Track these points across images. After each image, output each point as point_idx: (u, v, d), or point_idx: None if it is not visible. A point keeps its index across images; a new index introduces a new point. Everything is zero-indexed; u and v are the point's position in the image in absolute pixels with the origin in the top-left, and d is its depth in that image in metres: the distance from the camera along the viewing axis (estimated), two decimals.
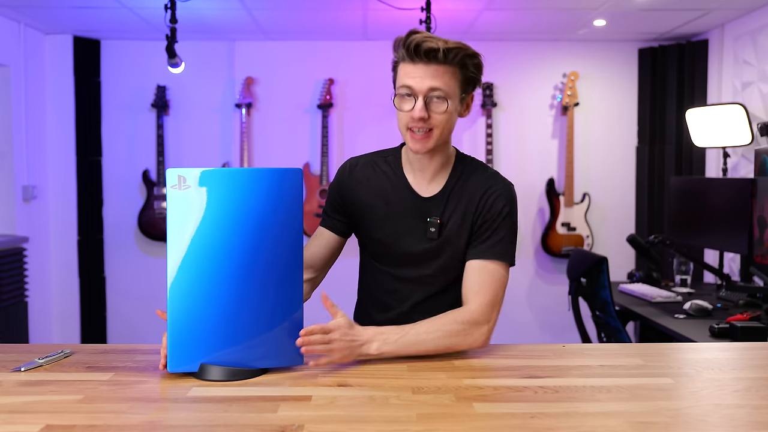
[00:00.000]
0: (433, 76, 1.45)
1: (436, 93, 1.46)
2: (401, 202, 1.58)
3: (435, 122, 1.48)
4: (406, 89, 1.47)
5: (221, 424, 1.04)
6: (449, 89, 1.47)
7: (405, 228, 1.58)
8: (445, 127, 1.50)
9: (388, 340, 1.35)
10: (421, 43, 1.43)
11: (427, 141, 1.50)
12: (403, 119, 1.49)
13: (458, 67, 1.47)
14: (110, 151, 4.47)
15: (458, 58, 1.46)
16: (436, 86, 1.45)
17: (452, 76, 1.47)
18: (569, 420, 1.05)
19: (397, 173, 1.61)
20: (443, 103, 1.47)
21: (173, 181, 1.24)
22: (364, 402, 1.13)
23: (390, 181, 1.60)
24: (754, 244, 2.80)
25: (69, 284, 4.42)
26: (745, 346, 1.56)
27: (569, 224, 4.40)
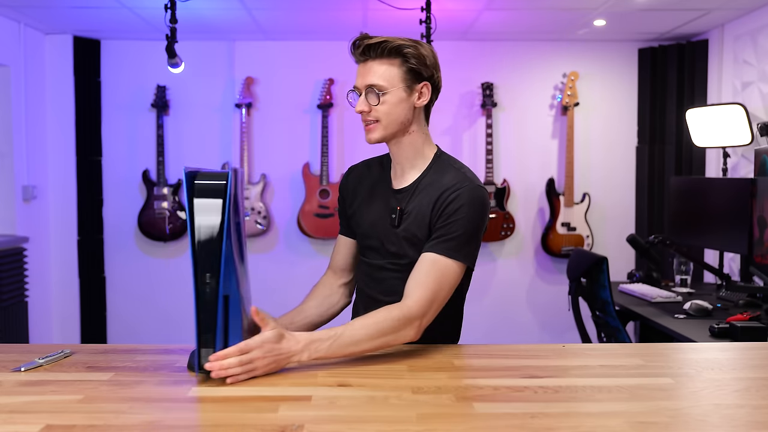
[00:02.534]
0: (368, 72, 1.56)
1: (373, 87, 1.55)
2: (380, 195, 1.68)
3: (376, 114, 1.57)
4: (353, 89, 1.60)
5: (221, 424, 1.04)
6: (385, 82, 1.55)
7: (377, 218, 1.66)
8: (389, 118, 1.57)
9: (319, 348, 1.33)
10: (354, 44, 1.57)
11: (373, 131, 1.59)
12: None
13: (397, 58, 1.56)
14: (110, 151, 4.47)
15: (387, 51, 1.54)
16: (370, 81, 1.55)
17: (389, 69, 1.55)
18: (569, 420, 1.05)
19: (385, 170, 1.71)
20: (379, 96, 1.56)
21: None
22: (364, 402, 1.13)
23: (378, 178, 1.71)
24: (754, 244, 2.80)
25: (69, 284, 4.42)
26: (745, 346, 1.56)
27: (569, 224, 4.40)
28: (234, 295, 1.25)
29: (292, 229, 4.47)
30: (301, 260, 4.42)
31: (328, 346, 1.34)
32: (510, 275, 4.56)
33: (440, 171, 1.62)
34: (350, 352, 1.37)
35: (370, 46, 1.55)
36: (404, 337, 1.44)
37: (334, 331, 1.37)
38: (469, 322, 4.91)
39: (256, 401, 1.14)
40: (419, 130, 1.63)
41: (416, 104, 1.60)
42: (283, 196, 4.48)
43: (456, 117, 4.51)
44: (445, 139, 4.50)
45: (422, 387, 1.21)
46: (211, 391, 1.19)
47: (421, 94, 1.60)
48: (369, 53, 1.55)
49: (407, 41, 1.56)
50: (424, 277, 1.48)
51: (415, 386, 1.21)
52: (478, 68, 4.47)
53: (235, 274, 1.26)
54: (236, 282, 1.26)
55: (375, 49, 1.55)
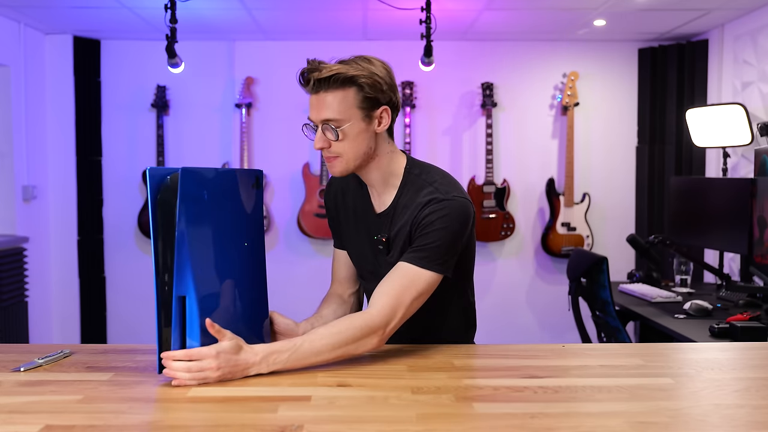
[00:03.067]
0: (322, 105, 1.45)
1: (329, 123, 1.45)
2: (364, 218, 1.63)
3: (336, 150, 1.48)
4: (307, 122, 1.50)
5: (221, 424, 1.04)
6: (341, 115, 1.45)
7: (365, 245, 1.63)
8: (350, 151, 1.48)
9: (277, 360, 1.29)
10: (304, 74, 1.46)
11: (336, 166, 1.51)
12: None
13: (351, 87, 1.45)
14: (110, 151, 4.47)
15: (340, 81, 1.44)
16: (326, 116, 1.45)
17: (344, 100, 1.45)
18: (569, 420, 1.05)
19: (363, 188, 1.63)
20: (335, 132, 1.46)
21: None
22: (364, 402, 1.13)
23: (358, 197, 1.65)
24: (754, 244, 2.80)
25: (69, 284, 4.42)
26: (745, 346, 1.56)
27: (569, 224, 4.40)
28: (191, 296, 1.22)
29: (292, 229, 4.47)
30: (301, 260, 4.43)
31: (287, 357, 1.30)
32: (510, 275, 4.56)
33: (414, 189, 1.55)
34: (310, 362, 1.33)
35: (321, 80, 1.44)
36: (366, 345, 1.38)
37: (293, 342, 1.32)
38: None
39: (256, 401, 1.14)
40: (384, 153, 1.54)
41: (377, 131, 1.51)
42: (283, 196, 4.48)
43: (456, 117, 4.51)
44: (445, 139, 4.50)
45: (422, 387, 1.21)
46: (211, 391, 1.19)
47: (381, 119, 1.51)
48: (320, 85, 1.45)
49: (360, 68, 1.47)
50: (390, 286, 1.43)
51: (415, 386, 1.21)
52: (478, 68, 4.46)
53: (193, 275, 1.22)
54: (194, 283, 1.22)
55: (326, 81, 1.44)
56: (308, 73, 1.45)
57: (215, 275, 1.28)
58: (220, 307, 1.29)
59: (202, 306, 1.23)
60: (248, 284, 1.38)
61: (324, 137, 1.47)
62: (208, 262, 1.27)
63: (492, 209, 4.34)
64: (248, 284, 1.38)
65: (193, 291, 1.22)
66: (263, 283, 1.43)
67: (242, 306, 1.35)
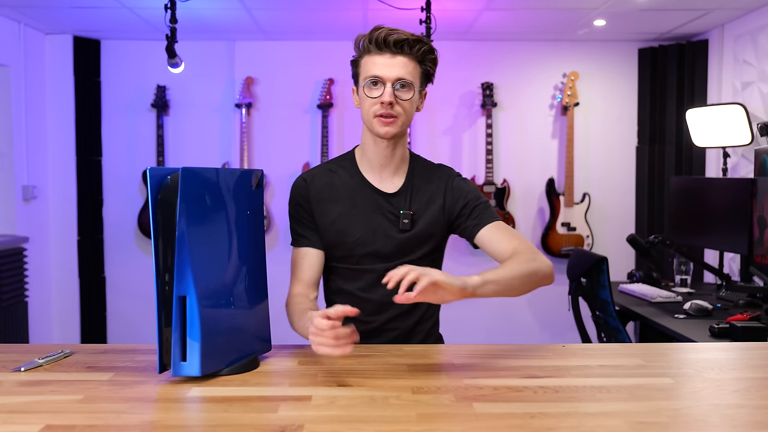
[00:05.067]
0: (399, 65, 1.54)
1: (402, 81, 1.54)
2: (367, 201, 1.64)
3: (401, 109, 1.56)
4: (373, 78, 1.55)
5: (221, 424, 1.04)
6: (413, 79, 1.56)
7: (376, 225, 1.63)
8: (408, 116, 1.58)
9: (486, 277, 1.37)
10: (389, 35, 1.53)
11: (393, 125, 1.56)
12: (371, 106, 1.57)
13: (418, 61, 1.57)
14: (110, 151, 4.47)
15: (421, 52, 1.56)
16: (402, 75, 1.54)
17: (414, 68, 1.57)
18: (569, 420, 1.05)
19: (356, 174, 1.66)
20: (409, 91, 1.56)
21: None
22: (364, 402, 1.13)
23: (352, 182, 1.66)
24: (754, 244, 2.80)
25: (69, 284, 4.42)
26: (745, 346, 1.56)
27: (569, 224, 4.40)
28: (192, 296, 1.22)
29: None
30: None
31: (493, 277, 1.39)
32: None
33: (425, 169, 1.69)
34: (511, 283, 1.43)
35: (406, 42, 1.53)
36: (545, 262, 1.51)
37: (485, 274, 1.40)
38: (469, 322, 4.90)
39: (256, 401, 1.14)
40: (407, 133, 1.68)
41: (419, 108, 1.63)
42: (283, 196, 4.48)
43: (456, 117, 4.51)
44: (445, 139, 4.50)
45: (422, 387, 1.21)
46: (211, 391, 1.19)
47: (423, 100, 1.63)
48: (402, 48, 1.53)
49: (431, 45, 1.58)
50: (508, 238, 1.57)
51: (415, 386, 1.21)
52: (478, 68, 4.47)
53: (193, 275, 1.22)
54: (194, 283, 1.22)
55: (410, 46, 1.54)
56: (392, 33, 1.53)
57: (216, 275, 1.28)
58: (220, 307, 1.29)
59: (202, 306, 1.23)
60: (249, 284, 1.38)
61: (392, 92, 1.54)
62: (209, 262, 1.27)
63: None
64: (249, 284, 1.38)
65: (194, 291, 1.22)
66: (263, 283, 1.43)
67: (243, 306, 1.35)
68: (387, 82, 1.53)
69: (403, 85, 1.54)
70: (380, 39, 1.53)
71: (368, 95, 1.56)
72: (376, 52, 1.55)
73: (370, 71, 1.55)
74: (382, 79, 1.54)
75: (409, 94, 1.55)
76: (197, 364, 1.23)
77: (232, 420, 1.05)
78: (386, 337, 1.65)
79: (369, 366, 1.35)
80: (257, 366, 1.34)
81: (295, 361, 1.39)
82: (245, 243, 1.36)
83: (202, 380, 1.24)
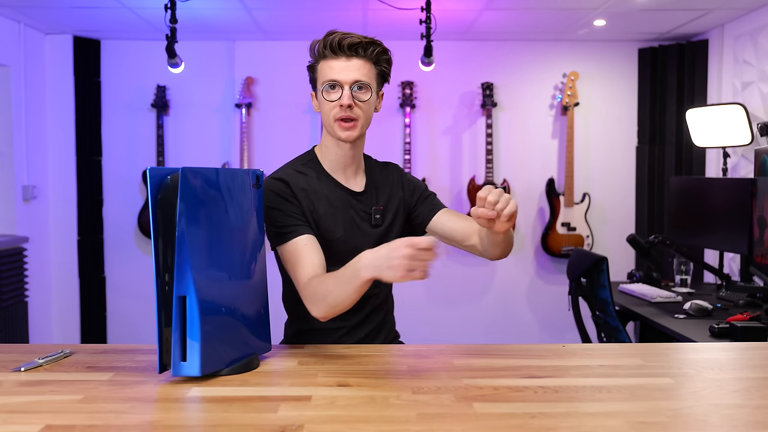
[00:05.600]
0: (355, 68, 1.58)
1: (359, 83, 1.58)
2: (342, 200, 1.68)
3: (360, 111, 1.60)
4: (331, 82, 1.59)
5: (221, 424, 1.04)
6: (369, 80, 1.60)
7: (353, 223, 1.68)
8: (367, 117, 1.63)
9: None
10: (343, 39, 1.57)
11: (353, 129, 1.60)
12: (331, 110, 1.60)
13: (373, 62, 1.61)
14: (110, 151, 4.47)
15: (375, 54, 1.60)
16: (359, 77, 1.58)
17: (370, 70, 1.61)
18: (569, 420, 1.05)
19: (323, 175, 1.69)
20: (366, 92, 1.60)
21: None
22: (364, 402, 1.13)
23: (324, 183, 1.67)
24: (754, 244, 2.80)
25: (69, 284, 4.42)
26: (745, 346, 1.56)
27: (569, 224, 4.40)
28: (192, 296, 1.22)
29: None
30: None
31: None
32: (510, 275, 4.56)
33: (378, 167, 1.78)
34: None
35: (360, 45, 1.58)
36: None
37: None
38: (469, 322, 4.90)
39: (256, 401, 1.14)
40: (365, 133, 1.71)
41: (377, 108, 1.68)
42: None
43: (456, 117, 4.51)
44: (445, 139, 4.50)
45: (422, 387, 1.21)
46: (211, 391, 1.19)
47: (381, 99, 1.69)
48: (357, 51, 1.58)
49: (384, 46, 1.63)
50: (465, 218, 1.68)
51: (415, 386, 1.21)
52: (478, 68, 4.47)
53: (193, 275, 1.22)
54: (194, 283, 1.22)
55: (365, 48, 1.58)
56: (346, 38, 1.57)
57: (216, 275, 1.28)
58: (220, 307, 1.29)
59: (202, 306, 1.23)
60: (249, 284, 1.38)
61: (351, 96, 1.58)
62: (209, 262, 1.26)
63: None
64: (249, 284, 1.38)
65: (194, 291, 1.22)
66: (264, 283, 1.43)
67: (243, 306, 1.35)
68: (344, 84, 1.58)
69: (360, 87, 1.58)
70: (335, 43, 1.57)
71: (327, 99, 1.60)
72: (331, 57, 1.59)
73: (327, 75, 1.59)
74: (339, 82, 1.58)
75: (367, 95, 1.60)
76: (197, 364, 1.23)
77: (232, 420, 1.05)
78: (363, 332, 1.70)
79: (369, 366, 1.35)
80: (257, 366, 1.34)
81: (295, 361, 1.39)
82: (245, 243, 1.36)
83: (202, 380, 1.24)
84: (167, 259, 1.24)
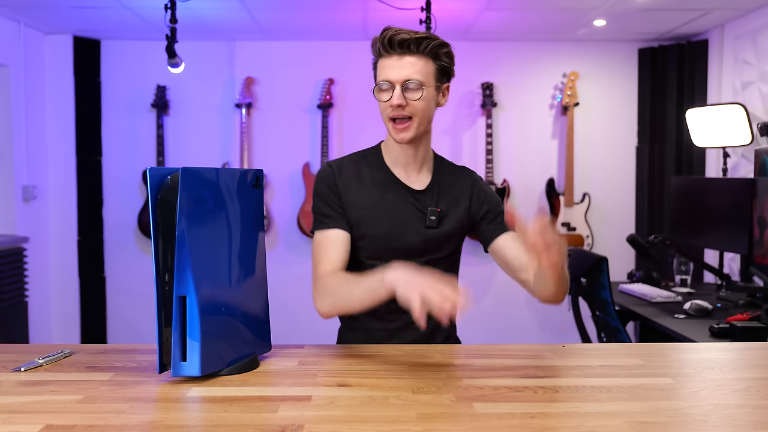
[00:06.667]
0: (407, 66, 1.54)
1: (411, 82, 1.54)
2: (396, 195, 1.64)
3: (413, 109, 1.56)
4: (384, 82, 1.56)
5: (221, 424, 1.04)
6: (423, 78, 1.55)
7: (404, 219, 1.63)
8: (423, 115, 1.58)
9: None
10: (393, 36, 1.53)
11: (408, 129, 1.57)
12: (384, 110, 1.58)
13: (431, 57, 1.57)
14: (110, 151, 4.47)
15: (429, 48, 1.55)
16: (410, 76, 1.54)
17: (425, 66, 1.56)
18: (569, 420, 1.05)
19: (383, 169, 1.67)
20: (418, 91, 1.55)
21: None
22: (364, 402, 1.13)
23: (380, 176, 1.66)
24: (754, 244, 2.80)
25: (69, 284, 4.42)
26: (745, 346, 1.56)
27: (569, 224, 4.40)
28: (192, 296, 1.22)
29: (292, 229, 4.48)
30: (300, 260, 4.43)
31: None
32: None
33: (449, 169, 1.72)
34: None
35: (411, 41, 1.53)
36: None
37: None
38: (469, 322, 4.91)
39: (256, 401, 1.14)
40: (430, 132, 1.67)
41: (440, 104, 1.63)
42: (283, 196, 4.48)
43: (456, 117, 4.51)
44: (445, 139, 4.50)
45: (422, 387, 1.21)
46: (211, 391, 1.19)
47: (444, 95, 1.64)
48: (409, 48, 1.54)
49: (441, 40, 1.58)
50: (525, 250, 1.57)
51: (415, 386, 1.21)
52: (478, 68, 4.47)
53: (193, 275, 1.22)
54: (194, 283, 1.22)
55: (417, 44, 1.54)
56: (397, 34, 1.53)
57: (216, 275, 1.28)
58: (220, 307, 1.29)
59: (202, 306, 1.23)
60: (249, 284, 1.38)
61: (401, 95, 1.54)
62: (209, 261, 1.26)
63: None
64: (249, 284, 1.38)
65: (194, 291, 1.22)
66: (264, 283, 1.43)
67: (243, 306, 1.35)
68: (395, 84, 1.54)
69: (412, 86, 1.54)
70: (386, 40, 1.54)
71: (379, 99, 1.58)
72: (386, 55, 1.56)
73: (381, 74, 1.56)
74: (390, 81, 1.54)
75: (418, 94, 1.54)
76: (197, 364, 1.23)
77: (232, 420, 1.05)
78: (407, 337, 1.64)
79: (369, 366, 1.35)
80: (257, 366, 1.34)
81: (295, 361, 1.39)
82: (245, 243, 1.36)
83: (202, 380, 1.24)
84: (167, 259, 1.24)
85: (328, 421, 1.04)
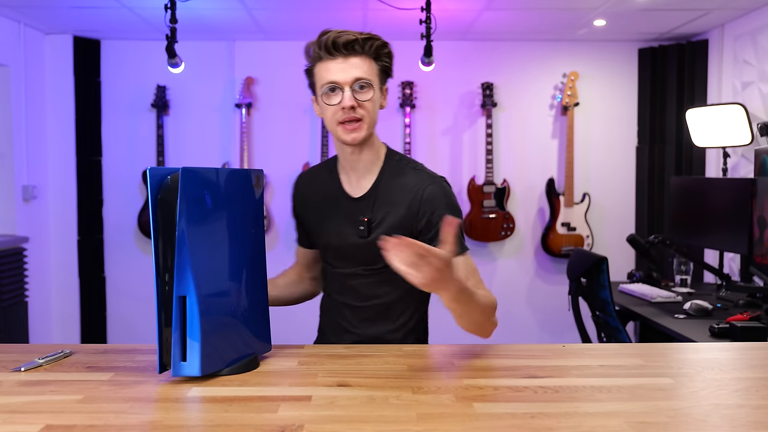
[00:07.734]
0: (354, 67, 1.50)
1: (362, 81, 1.51)
2: (335, 205, 1.64)
3: (364, 111, 1.53)
4: (330, 85, 1.51)
5: (221, 424, 1.04)
6: (371, 78, 1.53)
7: (342, 229, 1.63)
8: (372, 116, 1.55)
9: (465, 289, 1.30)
10: (338, 38, 1.49)
11: (360, 129, 1.53)
12: (333, 114, 1.53)
13: (374, 57, 1.54)
14: (110, 151, 4.47)
15: (374, 48, 1.53)
16: (359, 76, 1.51)
17: (370, 67, 1.53)
18: (569, 420, 1.05)
19: (333, 178, 1.67)
20: (369, 91, 1.52)
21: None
22: (364, 402, 1.13)
23: (326, 187, 1.67)
24: (754, 244, 2.80)
25: (69, 284, 4.42)
26: (745, 346, 1.56)
27: (569, 224, 4.40)
28: (192, 296, 1.22)
29: (292, 229, 4.45)
30: None
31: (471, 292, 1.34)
32: (510, 275, 4.56)
33: (396, 174, 1.60)
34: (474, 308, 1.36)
35: (357, 42, 1.50)
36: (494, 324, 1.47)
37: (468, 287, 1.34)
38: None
39: (256, 401, 1.14)
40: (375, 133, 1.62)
41: (382, 105, 1.60)
42: (283, 196, 4.48)
43: (456, 117, 4.51)
44: (445, 139, 4.50)
45: (422, 387, 1.21)
46: (211, 391, 1.19)
47: (385, 96, 1.61)
48: (354, 48, 1.50)
49: (382, 40, 1.55)
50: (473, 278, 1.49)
51: (415, 386, 1.21)
52: (478, 68, 4.47)
53: (193, 275, 1.22)
54: (194, 283, 1.22)
55: (362, 45, 1.51)
56: (341, 36, 1.49)
57: (216, 275, 1.28)
58: (220, 307, 1.29)
59: (202, 306, 1.23)
60: (249, 284, 1.38)
61: (352, 97, 1.50)
62: (209, 262, 1.26)
63: (492, 209, 4.34)
64: (249, 284, 1.38)
65: (194, 291, 1.22)
66: (263, 283, 1.43)
67: (243, 306, 1.35)
68: (345, 86, 1.50)
69: (361, 86, 1.51)
70: (329, 43, 1.49)
71: (328, 103, 1.52)
72: (328, 58, 1.51)
73: (326, 78, 1.51)
74: (339, 83, 1.50)
75: (369, 94, 1.52)
76: (197, 364, 1.23)
77: (232, 420, 1.05)
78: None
79: (369, 366, 1.35)
80: (257, 366, 1.34)
81: (295, 361, 1.39)
82: (245, 243, 1.36)
83: (202, 380, 1.24)
84: (167, 259, 1.24)
85: (328, 421, 1.04)
